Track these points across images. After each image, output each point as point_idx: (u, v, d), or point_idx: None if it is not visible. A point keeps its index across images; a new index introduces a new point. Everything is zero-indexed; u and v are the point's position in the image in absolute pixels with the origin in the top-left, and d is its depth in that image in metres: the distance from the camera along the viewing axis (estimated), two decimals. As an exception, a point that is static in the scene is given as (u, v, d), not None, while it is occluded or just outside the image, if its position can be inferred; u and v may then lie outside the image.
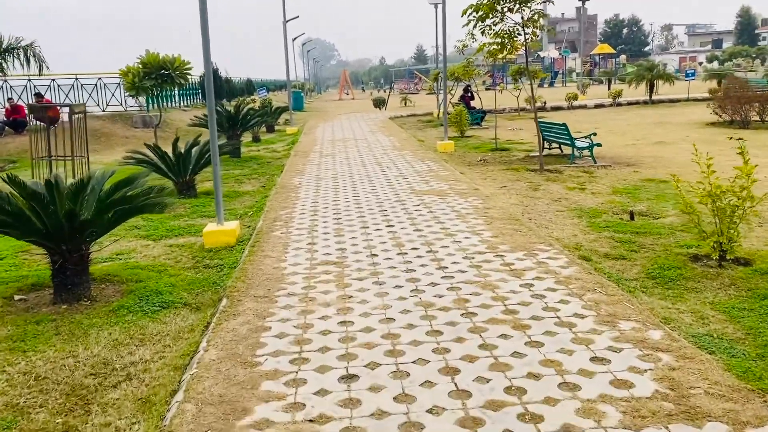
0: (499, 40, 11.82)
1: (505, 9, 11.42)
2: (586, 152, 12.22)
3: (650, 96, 28.09)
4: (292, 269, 6.26)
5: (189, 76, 14.30)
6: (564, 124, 12.10)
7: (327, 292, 5.53)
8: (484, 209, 8.60)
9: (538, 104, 27.87)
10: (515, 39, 11.67)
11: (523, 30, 11.59)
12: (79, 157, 11.38)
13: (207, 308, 5.41)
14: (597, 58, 67.69)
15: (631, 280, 5.69)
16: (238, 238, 7.67)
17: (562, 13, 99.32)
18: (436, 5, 27.77)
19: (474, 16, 11.70)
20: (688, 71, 29.02)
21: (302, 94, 43.27)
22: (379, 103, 33.63)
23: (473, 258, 6.36)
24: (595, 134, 12.37)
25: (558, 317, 4.76)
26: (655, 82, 27.68)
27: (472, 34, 13.97)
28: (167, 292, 5.72)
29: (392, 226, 7.89)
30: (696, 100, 28.17)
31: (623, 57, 79.28)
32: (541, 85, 43.07)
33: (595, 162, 12.09)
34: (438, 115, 26.59)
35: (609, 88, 33.07)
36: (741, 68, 47.87)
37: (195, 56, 10.26)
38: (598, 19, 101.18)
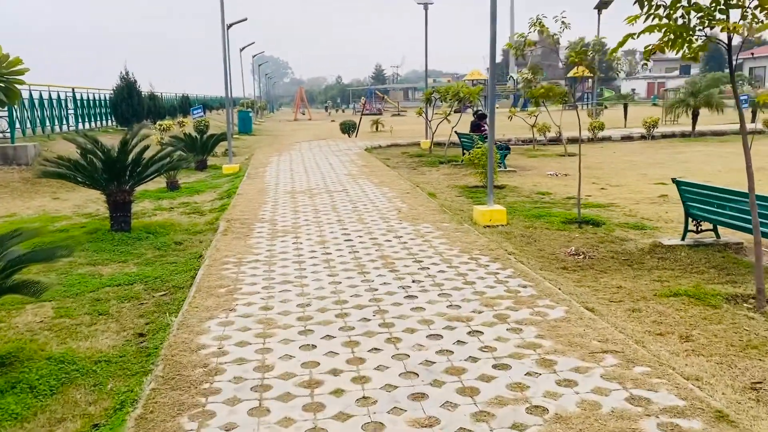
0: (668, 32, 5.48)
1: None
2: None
3: (693, 127, 22.50)
4: None
5: (18, 86, 7.41)
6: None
7: None
8: None
9: (552, 134, 21.52)
10: (712, 23, 5.34)
11: (726, 8, 5.31)
12: None
13: None
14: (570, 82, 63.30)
15: None
16: None
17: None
18: (425, 5, 21.67)
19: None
20: (742, 97, 23.72)
21: (251, 115, 36.32)
22: (348, 128, 27.05)
23: None
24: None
25: None
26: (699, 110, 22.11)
27: (541, 23, 8.66)
28: None
29: None
30: (749, 133, 22.73)
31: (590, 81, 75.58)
32: (523, 108, 37.48)
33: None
34: (430, 147, 20.25)
35: (626, 116, 27.47)
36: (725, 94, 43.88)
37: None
38: (560, 42, 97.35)
